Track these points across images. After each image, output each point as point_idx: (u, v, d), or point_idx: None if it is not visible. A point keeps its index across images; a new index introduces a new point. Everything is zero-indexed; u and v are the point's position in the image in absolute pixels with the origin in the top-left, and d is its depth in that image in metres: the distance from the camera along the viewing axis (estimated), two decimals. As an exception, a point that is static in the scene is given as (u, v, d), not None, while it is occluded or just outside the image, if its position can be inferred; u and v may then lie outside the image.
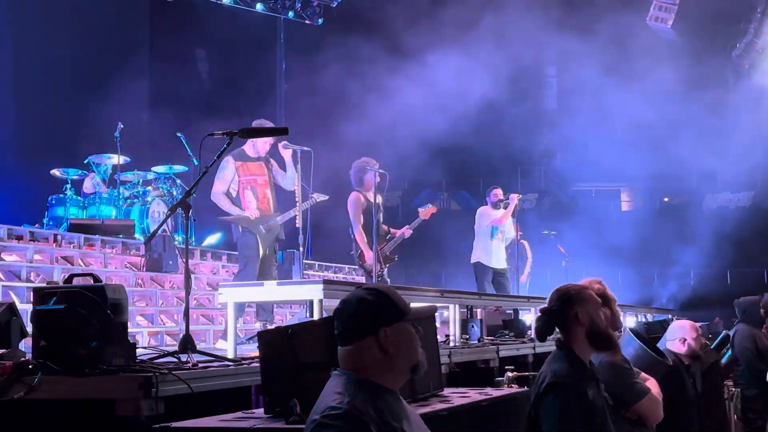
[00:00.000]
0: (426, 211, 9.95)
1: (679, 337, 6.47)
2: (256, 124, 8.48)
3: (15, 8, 15.47)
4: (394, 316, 2.91)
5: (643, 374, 4.95)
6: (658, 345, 6.17)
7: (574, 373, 3.98)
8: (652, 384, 4.86)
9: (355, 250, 9.51)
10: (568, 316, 4.13)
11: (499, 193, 12.35)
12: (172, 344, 9.21)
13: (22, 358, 4.48)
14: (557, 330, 4.26)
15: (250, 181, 8.61)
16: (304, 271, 9.45)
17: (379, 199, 9.60)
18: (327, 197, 9.17)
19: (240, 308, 8.33)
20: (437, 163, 19.85)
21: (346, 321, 2.93)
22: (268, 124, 8.49)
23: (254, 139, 8.46)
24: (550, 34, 16.58)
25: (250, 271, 8.45)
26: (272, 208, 8.77)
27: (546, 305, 4.24)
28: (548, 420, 3.90)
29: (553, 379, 3.93)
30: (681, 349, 6.44)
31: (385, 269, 9.46)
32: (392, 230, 9.76)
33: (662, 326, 8.09)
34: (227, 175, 8.52)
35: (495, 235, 12.21)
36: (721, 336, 8.73)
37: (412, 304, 3.09)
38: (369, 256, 9.28)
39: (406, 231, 9.75)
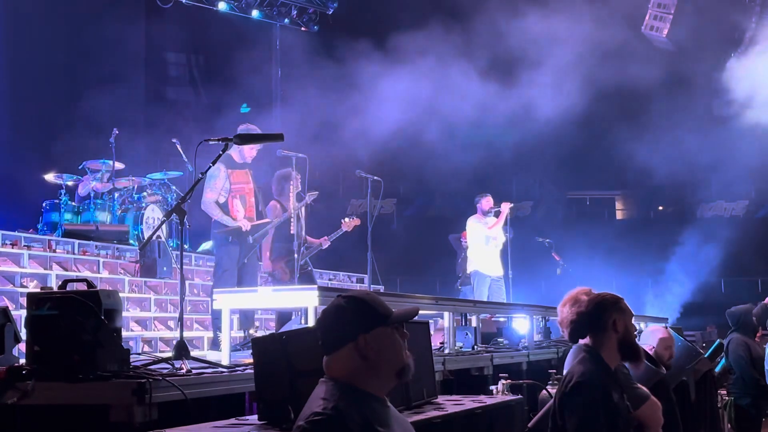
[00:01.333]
0: (349, 223, 9.90)
1: (647, 344, 6.47)
2: (242, 128, 8.44)
3: (10, 13, 15.47)
4: (373, 322, 2.90)
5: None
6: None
7: (601, 375, 3.99)
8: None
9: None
10: (606, 322, 4.16)
11: (490, 200, 12.37)
12: (166, 350, 9.20)
13: (16, 364, 4.47)
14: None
15: (239, 189, 8.51)
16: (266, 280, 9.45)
17: (302, 207, 9.55)
18: (317, 192, 9.15)
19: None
20: (432, 171, 19.87)
21: (326, 329, 2.94)
22: (254, 129, 8.46)
23: (242, 146, 8.37)
24: (546, 36, 16.59)
25: (227, 280, 8.28)
26: (256, 216, 8.71)
27: (581, 309, 4.25)
28: (572, 418, 3.90)
29: (580, 378, 3.93)
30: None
31: (296, 277, 9.34)
32: (310, 239, 9.70)
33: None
34: (218, 183, 8.39)
35: (488, 243, 12.23)
36: (714, 345, 8.75)
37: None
38: (267, 264, 9.32)
39: (324, 241, 9.73)
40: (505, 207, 12.25)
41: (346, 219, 9.92)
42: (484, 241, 12.22)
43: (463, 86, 15.11)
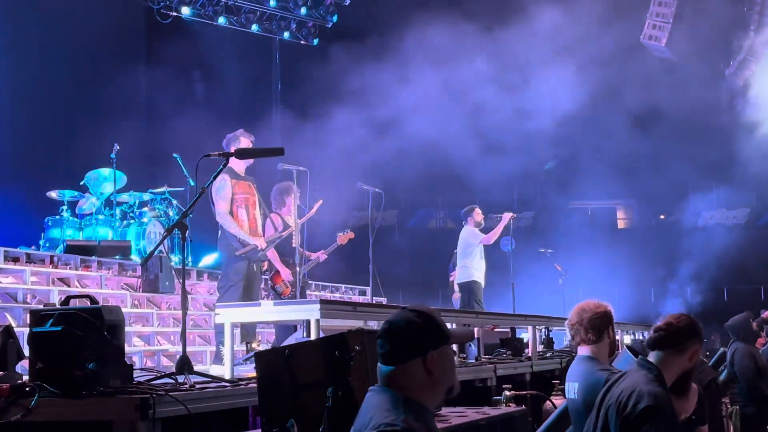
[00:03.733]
0: (343, 237, 9.91)
1: None
2: (230, 136, 8.48)
3: (12, 29, 15.51)
4: (441, 340, 2.95)
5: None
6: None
7: (670, 399, 3.93)
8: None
9: (269, 270, 9.42)
10: (687, 347, 4.09)
11: (479, 212, 12.41)
12: (168, 365, 9.19)
13: (19, 381, 4.46)
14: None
15: (243, 200, 8.49)
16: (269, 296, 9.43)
17: (297, 222, 9.56)
18: (321, 201, 9.14)
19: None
20: (433, 182, 19.89)
21: (394, 341, 2.94)
22: (244, 135, 8.46)
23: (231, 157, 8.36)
24: (544, 54, 16.65)
25: (232, 295, 8.24)
26: (259, 228, 8.70)
27: (672, 320, 4.20)
28: None
29: (654, 402, 3.83)
30: None
31: (293, 291, 9.33)
32: (308, 253, 9.69)
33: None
34: (228, 193, 8.36)
35: (482, 254, 12.29)
36: (718, 353, 8.74)
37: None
38: (286, 274, 9.27)
39: (321, 255, 9.71)
40: (507, 217, 12.28)
41: (341, 233, 9.94)
42: (480, 252, 12.25)
43: (463, 97, 15.14)
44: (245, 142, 8.47)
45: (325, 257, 9.73)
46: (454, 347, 7.54)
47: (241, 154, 5.65)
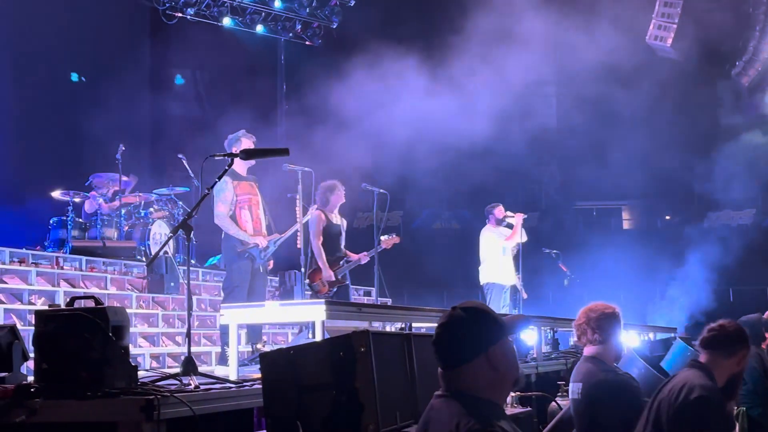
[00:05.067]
0: (388, 241, 9.91)
1: None
2: (232, 136, 8.50)
3: (16, 29, 15.53)
4: (500, 333, 2.90)
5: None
6: (661, 364, 6.16)
7: (721, 395, 3.97)
8: None
9: (307, 268, 9.42)
10: (738, 352, 4.13)
11: (501, 210, 12.37)
12: (174, 366, 9.20)
13: (24, 382, 4.46)
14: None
15: (246, 200, 8.50)
16: (306, 291, 9.41)
17: (344, 221, 9.60)
18: (317, 204, 9.16)
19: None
20: (438, 183, 19.86)
21: (452, 343, 2.89)
22: (245, 136, 8.47)
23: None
24: (549, 51, 16.63)
25: (237, 296, 8.26)
26: (264, 228, 8.69)
27: (727, 323, 4.26)
28: (692, 429, 3.86)
29: (705, 392, 3.89)
30: None
31: (333, 290, 9.36)
32: (350, 254, 9.70)
33: (665, 345, 8.08)
34: (228, 195, 8.39)
35: (505, 253, 12.26)
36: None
37: (415, 324, 3.11)
38: (328, 275, 9.27)
39: (363, 257, 9.70)
40: (519, 218, 12.28)
41: (385, 236, 9.92)
42: (501, 252, 12.23)
43: (468, 98, 15.12)
44: (246, 142, 8.47)
45: (366, 259, 9.72)
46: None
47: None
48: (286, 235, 8.85)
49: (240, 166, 8.50)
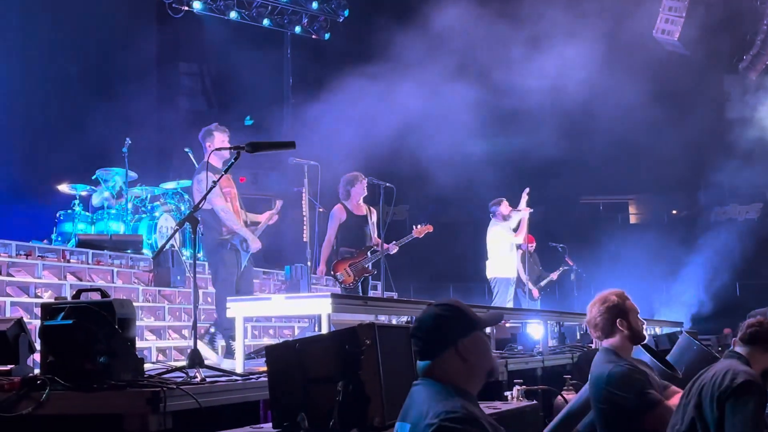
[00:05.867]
0: (421, 229, 9.91)
1: None
2: (205, 129, 8.44)
3: (23, 25, 15.55)
4: (469, 327, 3.10)
5: (672, 387, 4.93)
6: (667, 358, 6.15)
7: (761, 381, 4.05)
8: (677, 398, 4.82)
9: (331, 260, 9.45)
10: None
11: (507, 205, 12.34)
12: (180, 359, 9.21)
13: (31, 374, 4.47)
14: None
15: (227, 193, 8.33)
16: (312, 285, 9.41)
17: (372, 212, 9.59)
18: (282, 201, 9.10)
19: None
20: (444, 177, 19.85)
21: (425, 337, 3.11)
22: (218, 130, 8.37)
23: (212, 146, 8.24)
24: (551, 44, 16.56)
25: (228, 290, 8.05)
26: (242, 220, 8.53)
27: (763, 319, 4.35)
28: (739, 414, 3.91)
29: (749, 377, 3.98)
30: None
31: (359, 280, 9.35)
32: (383, 244, 9.69)
33: (671, 339, 8.07)
34: (219, 188, 8.12)
35: (512, 249, 12.25)
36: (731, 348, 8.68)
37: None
38: (321, 270, 9.32)
39: (392, 247, 9.68)
40: (526, 212, 12.25)
41: (418, 225, 9.93)
42: (508, 247, 12.21)
43: (474, 93, 15.10)
44: (219, 137, 8.39)
45: (396, 249, 9.69)
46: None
47: (253, 147, 5.62)
48: (263, 226, 8.73)
49: (216, 160, 8.30)
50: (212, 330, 8.28)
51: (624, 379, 4.67)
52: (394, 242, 9.69)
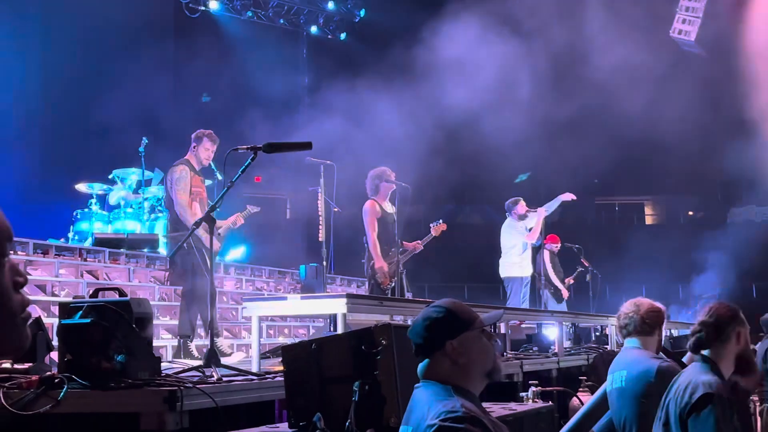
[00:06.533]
0: (437, 228, 9.93)
1: None
2: (194, 135, 8.44)
3: (42, 23, 15.64)
4: (458, 329, 3.07)
5: None
6: (684, 360, 6.12)
7: (727, 388, 3.97)
8: None
9: (367, 261, 9.40)
10: (729, 333, 4.15)
11: (523, 205, 12.31)
12: (196, 358, 9.23)
13: (48, 372, 4.50)
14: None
15: (198, 193, 8.33)
16: (325, 284, 9.39)
17: (394, 210, 9.56)
18: (258, 209, 9.07)
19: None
20: (460, 177, 19.84)
21: (418, 338, 3.12)
22: (208, 138, 8.38)
23: (197, 153, 8.31)
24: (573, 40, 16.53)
25: (197, 290, 8.00)
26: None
27: (704, 318, 4.25)
28: (704, 428, 3.88)
29: (709, 389, 3.91)
30: None
31: (393, 282, 9.32)
32: (405, 243, 9.67)
33: (687, 342, 8.03)
34: (187, 185, 8.22)
35: (525, 249, 12.21)
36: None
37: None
38: (380, 266, 9.21)
39: (418, 245, 9.67)
40: (541, 212, 12.20)
41: (434, 224, 9.96)
42: (521, 246, 12.17)
43: (490, 93, 15.08)
44: (207, 144, 8.41)
45: (421, 248, 9.71)
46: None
47: (270, 147, 5.63)
48: (225, 228, 8.69)
49: (194, 160, 8.40)
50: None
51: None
52: (418, 241, 9.70)
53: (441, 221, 10.10)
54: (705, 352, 4.16)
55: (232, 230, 8.95)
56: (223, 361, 5.99)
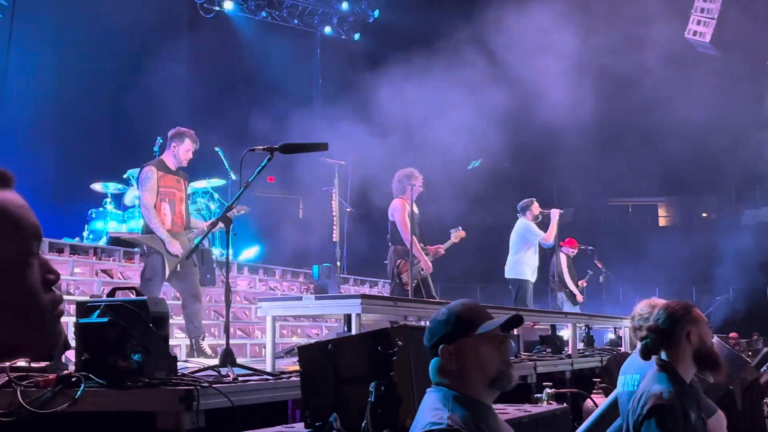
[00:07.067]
0: (457, 234, 10.00)
1: None
2: (173, 132, 8.42)
3: (56, 23, 15.70)
4: (455, 334, 2.99)
5: None
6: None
7: (678, 394, 3.92)
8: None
9: (392, 261, 9.42)
10: (679, 335, 4.08)
11: (537, 206, 12.27)
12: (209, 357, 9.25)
13: (65, 371, 4.52)
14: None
15: (169, 193, 8.24)
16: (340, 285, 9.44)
17: (417, 211, 9.61)
18: (247, 208, 9.06)
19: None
20: (474, 178, 19.83)
21: (425, 340, 3.09)
22: (189, 137, 8.35)
23: (176, 152, 8.28)
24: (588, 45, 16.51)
25: (152, 290, 7.84)
26: (185, 224, 8.40)
27: (651, 323, 4.20)
28: None
29: (658, 401, 3.86)
30: None
31: (415, 282, 9.37)
32: (429, 247, 9.71)
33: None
34: (153, 185, 8.11)
35: (536, 250, 12.18)
36: (762, 354, 8.62)
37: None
38: (428, 266, 9.31)
39: (440, 250, 9.73)
40: (555, 213, 12.14)
41: (454, 230, 10.05)
42: (535, 248, 12.14)
43: (502, 93, 15.07)
44: (188, 144, 8.36)
45: (442, 252, 9.79)
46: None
47: (286, 148, 5.65)
48: (200, 232, 8.68)
49: (170, 159, 8.34)
50: None
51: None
52: (441, 245, 9.80)
53: (460, 228, 10.15)
54: (663, 357, 4.11)
55: (234, 231, 8.87)
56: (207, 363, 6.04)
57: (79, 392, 4.17)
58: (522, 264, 12.10)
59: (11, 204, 1.28)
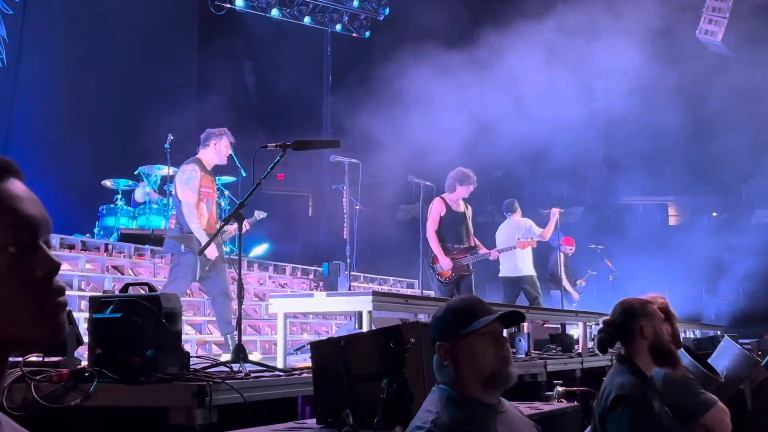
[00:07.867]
0: (524, 243, 10.61)
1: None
2: (208, 132, 8.37)
3: (66, 20, 15.74)
4: (450, 331, 2.96)
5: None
6: (708, 361, 6.12)
7: (639, 385, 3.97)
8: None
9: (425, 253, 9.71)
10: (633, 329, 4.15)
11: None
12: (219, 354, 9.28)
13: (78, 366, 4.55)
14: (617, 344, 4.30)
15: (206, 194, 8.20)
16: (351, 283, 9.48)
17: (469, 209, 9.76)
18: (265, 214, 9.08)
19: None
20: (483, 177, 19.82)
21: (429, 336, 3.06)
22: (227, 135, 8.32)
23: (218, 150, 8.24)
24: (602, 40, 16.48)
25: (177, 287, 7.78)
26: (216, 225, 8.22)
27: (609, 317, 4.27)
28: (614, 428, 3.90)
29: (619, 391, 3.93)
30: None
31: (455, 277, 9.55)
32: (480, 246, 9.88)
33: (712, 342, 8.04)
34: (197, 184, 8.06)
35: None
36: (772, 353, 8.62)
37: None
38: (446, 262, 9.44)
39: (494, 253, 9.97)
40: (555, 212, 12.16)
41: (522, 239, 10.60)
42: (530, 248, 12.16)
43: (513, 91, 15.07)
44: (226, 141, 8.33)
45: (497, 256, 9.96)
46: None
47: (299, 145, 5.67)
48: (229, 235, 8.68)
49: (211, 157, 8.30)
50: None
51: (681, 383, 4.68)
52: (496, 249, 10.01)
53: (531, 238, 10.52)
54: (623, 352, 4.20)
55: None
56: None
57: (92, 387, 4.19)
58: (524, 261, 12.14)
59: (8, 193, 1.28)
